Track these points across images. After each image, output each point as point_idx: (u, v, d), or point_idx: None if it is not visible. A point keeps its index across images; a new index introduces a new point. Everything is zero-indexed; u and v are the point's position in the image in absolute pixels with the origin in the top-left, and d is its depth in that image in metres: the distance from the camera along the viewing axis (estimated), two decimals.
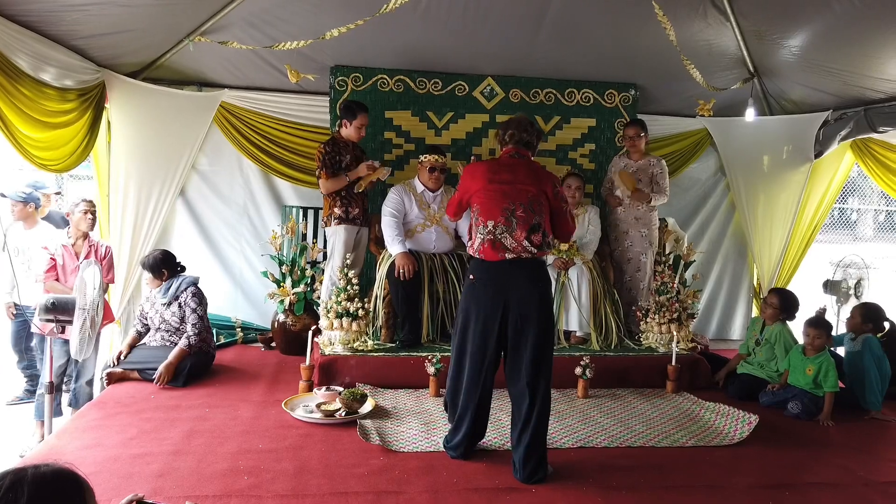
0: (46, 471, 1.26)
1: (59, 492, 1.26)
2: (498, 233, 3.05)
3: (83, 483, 1.30)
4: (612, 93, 5.64)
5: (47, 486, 1.24)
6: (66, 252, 4.56)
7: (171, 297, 4.40)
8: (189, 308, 4.36)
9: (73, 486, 1.28)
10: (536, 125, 3.33)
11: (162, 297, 4.41)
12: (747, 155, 6.01)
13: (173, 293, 4.40)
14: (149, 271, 4.48)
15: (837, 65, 4.89)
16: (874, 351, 4.24)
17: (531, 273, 3.05)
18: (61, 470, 1.28)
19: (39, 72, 4.01)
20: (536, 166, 3.24)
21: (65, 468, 1.30)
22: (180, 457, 3.08)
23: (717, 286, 6.34)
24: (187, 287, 4.42)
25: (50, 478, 1.26)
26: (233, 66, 5.19)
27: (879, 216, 16.13)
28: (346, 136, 4.76)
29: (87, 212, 4.57)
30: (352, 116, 4.71)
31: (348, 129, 4.74)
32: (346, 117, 4.74)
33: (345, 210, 4.72)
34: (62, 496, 1.26)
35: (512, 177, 3.12)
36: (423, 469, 3.06)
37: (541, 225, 3.07)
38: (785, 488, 3.03)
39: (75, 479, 1.29)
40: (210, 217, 5.58)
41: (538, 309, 3.01)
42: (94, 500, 1.31)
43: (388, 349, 4.52)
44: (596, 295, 4.85)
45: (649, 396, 4.32)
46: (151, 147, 5.19)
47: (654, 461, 3.30)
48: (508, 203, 3.06)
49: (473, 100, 5.50)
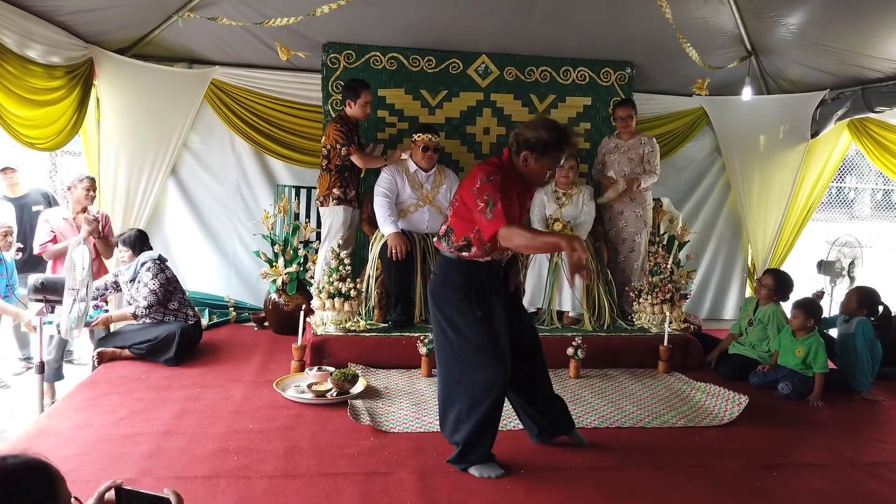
0: (15, 462, 1.25)
1: (29, 483, 1.24)
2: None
3: (54, 473, 1.29)
4: (608, 71, 5.58)
5: (17, 478, 1.23)
6: (69, 225, 4.56)
7: (133, 273, 4.45)
8: (141, 282, 4.38)
9: (43, 477, 1.27)
10: (539, 126, 2.79)
11: (129, 274, 4.46)
12: (743, 134, 5.97)
13: (134, 270, 4.45)
14: (129, 248, 4.52)
15: (835, 43, 4.84)
16: (867, 334, 4.26)
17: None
18: (30, 461, 1.27)
19: (25, 49, 3.95)
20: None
21: (34, 459, 1.28)
22: (170, 437, 3.08)
23: (711, 266, 6.33)
24: (144, 262, 4.46)
25: (19, 469, 1.24)
26: (223, 43, 5.11)
27: (877, 195, 16.12)
28: (353, 115, 4.71)
29: (90, 189, 4.58)
30: (355, 95, 4.65)
31: (353, 109, 4.68)
32: (350, 97, 4.68)
33: (343, 191, 4.69)
34: (33, 487, 1.24)
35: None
36: (413, 450, 3.07)
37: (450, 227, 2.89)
38: (773, 468, 3.05)
39: (45, 470, 1.28)
40: (202, 196, 5.55)
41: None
42: (65, 490, 1.30)
43: (380, 329, 4.52)
44: (589, 276, 4.83)
45: (641, 377, 4.33)
46: (142, 125, 5.14)
47: (643, 442, 3.32)
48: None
49: (468, 78, 5.43)
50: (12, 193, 4.85)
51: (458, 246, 2.83)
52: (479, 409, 2.80)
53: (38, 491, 1.25)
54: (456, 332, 2.84)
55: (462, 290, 2.83)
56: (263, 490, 2.62)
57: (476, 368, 2.81)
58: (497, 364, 2.80)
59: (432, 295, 2.95)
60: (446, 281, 2.89)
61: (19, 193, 4.90)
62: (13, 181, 4.84)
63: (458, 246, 2.83)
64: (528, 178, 2.85)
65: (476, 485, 2.75)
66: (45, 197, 5.05)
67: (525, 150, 2.77)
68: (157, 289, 4.37)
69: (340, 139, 4.58)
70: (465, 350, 2.83)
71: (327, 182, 4.70)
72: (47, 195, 5.10)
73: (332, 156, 4.66)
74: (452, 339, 2.85)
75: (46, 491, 1.26)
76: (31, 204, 4.89)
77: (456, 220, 2.84)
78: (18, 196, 4.88)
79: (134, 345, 4.19)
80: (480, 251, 2.82)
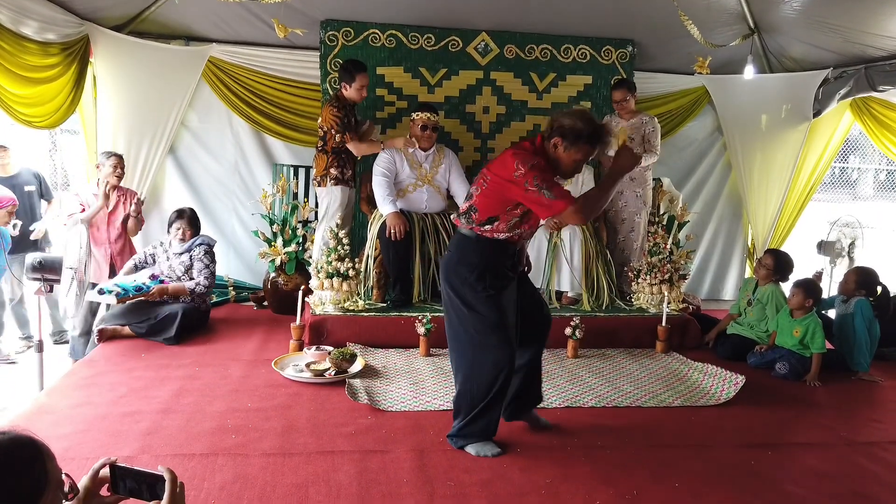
0: (3, 439, 1.25)
1: (17, 459, 1.24)
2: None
3: (42, 448, 1.29)
4: (609, 49, 5.52)
5: (5, 454, 1.23)
6: (96, 200, 4.57)
7: (185, 248, 4.54)
8: (200, 261, 4.51)
9: (32, 453, 1.27)
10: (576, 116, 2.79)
11: (178, 247, 4.55)
12: (745, 113, 5.92)
13: (188, 246, 4.55)
14: (188, 224, 4.61)
15: (839, 21, 4.78)
16: (866, 314, 4.26)
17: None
18: (17, 436, 1.27)
19: (20, 25, 3.92)
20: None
21: (23, 434, 1.28)
22: (169, 415, 3.10)
23: (711, 246, 6.32)
24: (202, 243, 4.59)
25: (6, 444, 1.24)
26: (220, 20, 5.06)
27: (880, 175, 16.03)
28: (349, 98, 4.67)
29: (117, 166, 4.60)
30: (350, 78, 4.60)
31: (349, 91, 4.63)
32: (345, 80, 4.62)
33: (341, 171, 4.67)
34: (21, 463, 1.25)
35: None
36: (411, 428, 3.08)
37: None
38: (768, 448, 3.06)
39: (33, 445, 1.28)
40: (201, 175, 5.53)
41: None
42: (55, 466, 1.31)
43: (378, 309, 4.53)
44: (588, 255, 4.84)
45: (638, 357, 4.34)
46: (139, 103, 5.11)
47: (640, 421, 3.33)
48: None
49: (467, 56, 5.38)
50: (4, 173, 4.81)
51: (480, 222, 2.81)
52: (483, 387, 2.82)
53: (26, 466, 1.25)
54: (468, 310, 2.82)
55: (477, 270, 2.81)
56: (261, 468, 2.64)
57: (485, 347, 2.81)
58: (505, 344, 2.81)
59: (445, 273, 2.92)
60: (462, 259, 2.87)
61: (10, 173, 4.88)
62: (4, 161, 4.81)
63: (480, 222, 2.81)
64: (555, 167, 2.82)
65: (472, 463, 2.77)
66: (36, 177, 5.02)
67: (557, 135, 2.76)
68: (214, 270, 4.58)
69: (336, 125, 4.54)
70: (476, 328, 2.82)
71: (324, 162, 4.67)
72: (38, 175, 5.06)
73: (329, 137, 4.63)
74: (464, 317, 2.84)
75: (35, 466, 1.26)
76: (22, 184, 4.86)
77: (483, 200, 2.80)
78: (10, 175, 4.85)
79: (136, 323, 4.20)
80: (505, 227, 2.80)
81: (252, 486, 2.49)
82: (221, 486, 2.49)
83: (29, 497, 1.25)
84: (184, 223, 4.60)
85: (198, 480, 2.51)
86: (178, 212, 4.68)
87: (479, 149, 5.50)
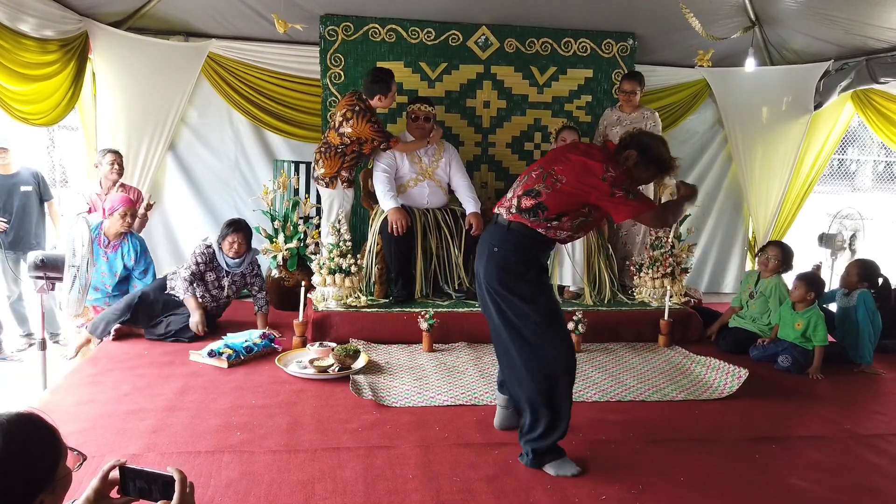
0: (8, 415, 1.28)
1: (26, 433, 1.28)
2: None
3: (47, 423, 1.33)
4: (610, 42, 5.50)
5: (12, 428, 1.26)
6: (99, 200, 4.58)
7: (240, 262, 4.40)
8: (259, 276, 4.52)
9: (37, 427, 1.31)
10: (659, 140, 2.88)
11: (237, 266, 4.41)
12: (746, 106, 5.91)
13: (243, 260, 4.42)
14: (244, 238, 4.36)
15: (840, 13, 4.76)
16: (868, 306, 4.26)
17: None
18: (22, 413, 1.31)
19: (17, 22, 3.90)
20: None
21: (26, 411, 1.32)
22: (174, 413, 3.10)
23: (711, 239, 6.32)
24: (254, 257, 4.53)
25: (13, 419, 1.27)
26: (219, 15, 5.04)
27: (879, 167, 16.02)
28: (384, 107, 4.64)
29: (114, 163, 4.57)
30: (387, 88, 4.52)
31: (384, 101, 4.57)
32: (381, 91, 4.51)
33: (350, 173, 4.65)
34: (30, 437, 1.28)
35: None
36: (415, 424, 3.09)
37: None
38: (772, 441, 3.07)
39: (39, 420, 1.32)
40: (201, 171, 5.52)
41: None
42: (61, 440, 1.36)
43: (381, 305, 4.53)
44: (590, 250, 4.83)
45: (641, 351, 4.34)
46: (138, 99, 5.09)
47: (643, 415, 3.34)
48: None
49: (467, 50, 5.36)
50: (4, 172, 4.81)
51: (547, 218, 2.71)
52: (554, 390, 2.67)
53: (34, 440, 1.28)
54: (529, 307, 2.68)
55: (536, 266, 2.76)
56: (266, 464, 2.64)
57: (548, 346, 2.68)
58: (568, 340, 2.75)
59: (493, 272, 2.73)
60: (520, 258, 2.74)
61: (10, 172, 4.87)
62: (5, 161, 4.80)
63: (547, 218, 2.71)
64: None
65: (477, 459, 2.77)
66: (34, 177, 4.99)
67: (635, 148, 2.74)
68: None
69: (378, 137, 4.51)
70: (537, 326, 2.68)
71: (337, 165, 4.57)
72: (37, 175, 5.04)
73: (351, 143, 4.53)
74: (526, 313, 2.69)
75: (43, 439, 1.30)
76: (20, 183, 4.83)
77: (555, 197, 2.68)
78: (9, 175, 4.83)
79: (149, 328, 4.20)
80: (570, 225, 2.74)
81: (258, 483, 2.50)
82: (228, 483, 2.49)
83: (49, 468, 1.31)
84: (239, 237, 4.32)
85: (204, 478, 2.51)
86: (233, 224, 4.35)
87: (480, 143, 5.49)
